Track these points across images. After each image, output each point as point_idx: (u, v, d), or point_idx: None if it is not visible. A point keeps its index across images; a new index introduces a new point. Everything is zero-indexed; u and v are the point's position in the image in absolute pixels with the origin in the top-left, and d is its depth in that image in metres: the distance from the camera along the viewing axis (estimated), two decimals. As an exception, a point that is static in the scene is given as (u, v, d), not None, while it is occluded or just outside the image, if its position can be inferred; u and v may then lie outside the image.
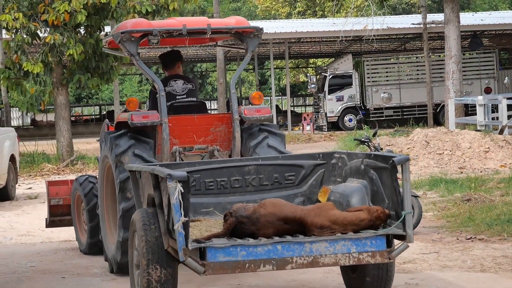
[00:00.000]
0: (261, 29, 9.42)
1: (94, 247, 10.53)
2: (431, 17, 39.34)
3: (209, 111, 11.66)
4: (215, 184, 8.16)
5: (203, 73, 68.17)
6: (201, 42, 10.48)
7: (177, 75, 9.90)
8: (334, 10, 48.64)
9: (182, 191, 6.52)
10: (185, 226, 6.52)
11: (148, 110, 9.39)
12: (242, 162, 8.29)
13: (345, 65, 38.64)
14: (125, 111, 9.43)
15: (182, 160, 9.15)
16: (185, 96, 9.69)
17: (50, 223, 11.70)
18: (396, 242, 6.94)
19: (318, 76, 40.28)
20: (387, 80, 38.97)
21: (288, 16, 58.01)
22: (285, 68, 46.51)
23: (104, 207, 9.63)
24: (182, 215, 6.50)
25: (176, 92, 9.70)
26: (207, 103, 59.54)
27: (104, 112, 49.79)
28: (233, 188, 8.18)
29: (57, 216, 11.58)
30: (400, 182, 6.96)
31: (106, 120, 10.72)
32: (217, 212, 7.99)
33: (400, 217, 6.91)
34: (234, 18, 9.53)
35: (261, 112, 9.26)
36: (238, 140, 9.25)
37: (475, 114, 24.99)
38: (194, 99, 9.75)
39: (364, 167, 7.60)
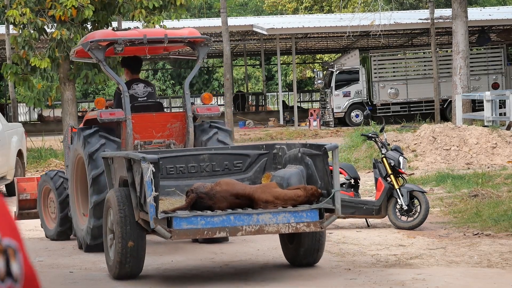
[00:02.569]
0: (211, 39, 10.94)
1: (63, 234, 11.65)
2: (438, 12, 39.27)
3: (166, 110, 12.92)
4: (174, 169, 9.71)
5: (210, 68, 68.18)
6: (156, 51, 11.83)
7: (138, 79, 11.22)
8: (341, 5, 48.59)
9: (154, 170, 8.02)
10: (156, 199, 8.00)
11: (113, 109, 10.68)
12: (198, 151, 9.86)
13: (352, 60, 38.59)
14: (93, 110, 10.82)
15: None
16: (146, 98, 10.98)
17: (19, 216, 12.50)
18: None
19: (324, 72, 40.24)
20: (394, 76, 38.91)
21: (295, 11, 57.96)
22: (291, 63, 46.50)
23: (74, 191, 10.92)
24: (153, 190, 7.98)
25: (138, 94, 10.94)
26: (214, 99, 59.53)
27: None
28: (190, 173, 9.72)
29: (25, 210, 12.51)
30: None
31: (70, 123, 11.85)
32: (178, 192, 9.33)
33: (330, 194, 8.48)
34: (187, 29, 10.98)
35: (211, 110, 10.66)
36: (191, 134, 10.57)
37: (483, 109, 24.93)
38: (153, 100, 11.05)
39: (301, 155, 9.15)
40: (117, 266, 8.68)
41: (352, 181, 12.41)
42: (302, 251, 9.11)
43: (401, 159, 12.21)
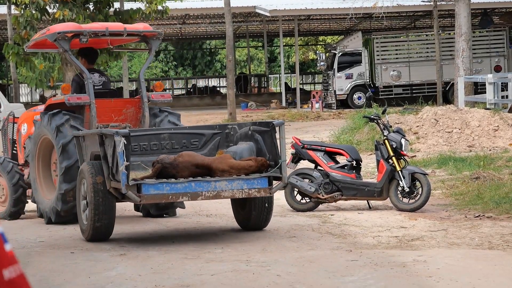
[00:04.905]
0: (162, 33, 12.10)
1: (16, 214, 12.58)
2: (441, -6, 39.12)
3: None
4: (138, 147, 10.75)
5: (212, 50, 68.07)
6: (101, 45, 12.72)
7: (94, 69, 12.24)
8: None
9: (125, 143, 9.20)
10: (127, 168, 9.20)
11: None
12: (159, 131, 10.92)
13: (354, 42, 38.50)
14: (54, 96, 12.20)
15: None
16: (101, 86, 12.00)
17: None
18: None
19: (327, 54, 40.17)
20: (396, 58, 38.83)
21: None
22: (294, 45, 46.41)
23: (37, 175, 11.94)
24: (125, 160, 9.16)
25: (94, 83, 11.92)
26: (216, 80, 59.47)
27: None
28: (152, 150, 10.75)
29: None
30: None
31: (12, 112, 13.73)
32: (144, 165, 10.28)
33: (277, 164, 9.78)
34: (142, 24, 12.25)
35: (164, 96, 11.79)
36: (147, 118, 11.65)
37: (485, 92, 24.90)
38: (108, 88, 12.14)
39: (251, 133, 10.33)
40: (90, 229, 9.80)
41: (354, 163, 12.42)
42: (253, 216, 10.29)
43: (403, 141, 12.21)
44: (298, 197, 12.42)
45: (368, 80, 38.26)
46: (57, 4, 22.54)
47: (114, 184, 9.49)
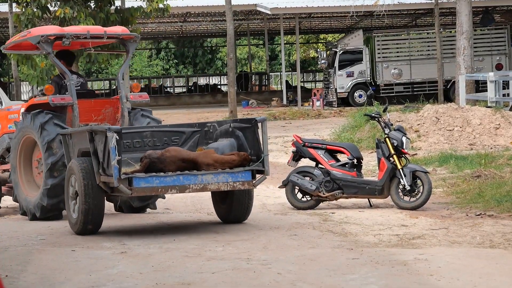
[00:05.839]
0: (139, 36, 12.75)
1: None
2: (442, -8, 39.09)
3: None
4: (122, 144, 10.65)
5: (213, 48, 68.03)
6: (81, 46, 13.04)
7: (71, 71, 12.56)
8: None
9: (118, 138, 9.65)
10: (119, 162, 9.64)
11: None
12: (142, 129, 11.39)
13: (355, 40, 38.48)
14: (35, 97, 12.55)
15: None
16: (79, 87, 12.40)
17: None
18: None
19: (328, 52, 40.14)
20: (397, 56, 38.81)
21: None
22: (295, 43, 46.38)
23: (18, 173, 12.25)
24: (117, 155, 9.60)
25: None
26: (217, 78, 59.45)
27: (114, 87, 49.78)
28: (135, 147, 11.18)
29: None
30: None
31: None
32: (129, 161, 10.45)
33: (260, 158, 10.27)
34: (120, 27, 12.89)
35: (142, 97, 12.28)
36: (126, 118, 12.10)
37: (486, 90, 24.87)
38: (86, 89, 12.71)
39: (232, 129, 10.79)
40: (80, 223, 10.20)
41: (355, 161, 12.41)
42: (233, 210, 10.73)
43: (404, 139, 12.20)
44: (299, 195, 12.41)
45: (369, 78, 38.23)
46: (59, 2, 22.53)
47: (104, 178, 9.94)
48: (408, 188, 11.93)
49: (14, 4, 26.10)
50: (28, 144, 12.23)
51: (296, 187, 12.32)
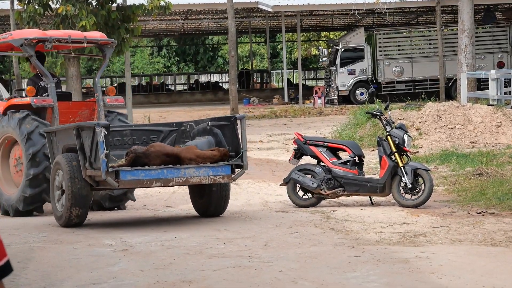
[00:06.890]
0: (115, 42, 13.35)
1: None
2: (444, -10, 39.08)
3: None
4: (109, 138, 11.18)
5: (215, 46, 68.02)
6: (61, 48, 13.56)
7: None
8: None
9: (106, 133, 10.08)
10: (107, 156, 10.08)
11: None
12: (121, 128, 11.93)
13: (357, 38, 38.47)
14: (14, 97, 13.00)
15: None
16: (54, 87, 12.61)
17: None
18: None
19: (329, 50, 40.14)
20: (399, 54, 38.80)
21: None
22: (296, 41, 46.37)
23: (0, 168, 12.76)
24: (105, 149, 10.03)
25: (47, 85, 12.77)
26: (219, 76, 59.46)
27: (116, 84, 49.78)
28: (115, 145, 11.65)
29: None
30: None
31: None
32: (113, 157, 10.70)
33: (239, 154, 10.80)
34: (99, 33, 13.57)
35: (118, 101, 12.88)
36: (103, 120, 12.43)
37: (488, 88, 24.87)
38: (61, 90, 13.16)
39: (209, 128, 11.24)
40: (66, 216, 10.58)
41: (356, 158, 12.41)
42: (212, 204, 11.19)
43: (405, 137, 12.19)
44: (301, 193, 12.41)
45: (370, 76, 38.23)
46: (60, 0, 22.51)
47: (90, 172, 10.38)
48: (409, 186, 11.93)
49: (15, 2, 26.07)
50: (6, 145, 12.74)
51: (298, 184, 12.32)
